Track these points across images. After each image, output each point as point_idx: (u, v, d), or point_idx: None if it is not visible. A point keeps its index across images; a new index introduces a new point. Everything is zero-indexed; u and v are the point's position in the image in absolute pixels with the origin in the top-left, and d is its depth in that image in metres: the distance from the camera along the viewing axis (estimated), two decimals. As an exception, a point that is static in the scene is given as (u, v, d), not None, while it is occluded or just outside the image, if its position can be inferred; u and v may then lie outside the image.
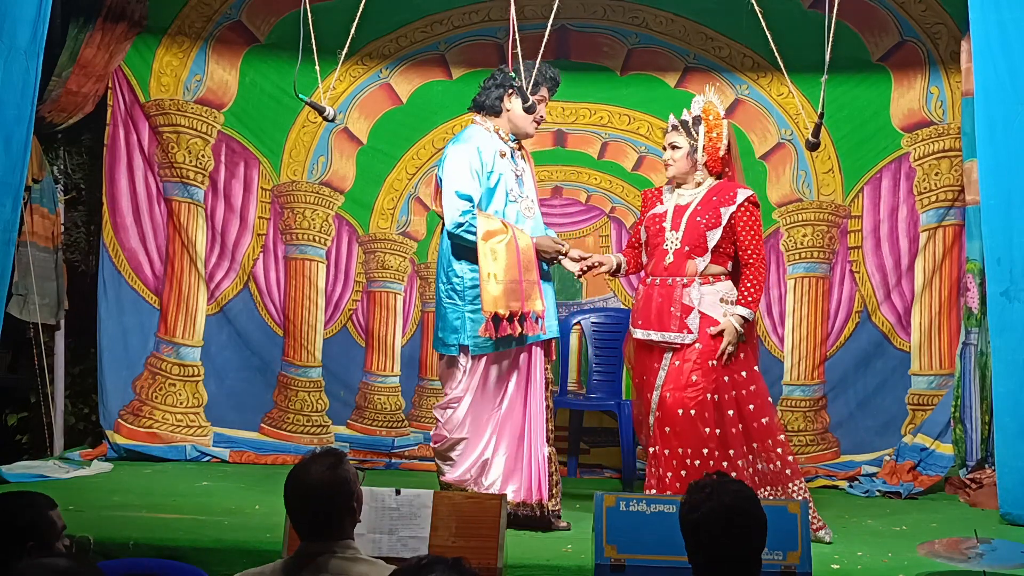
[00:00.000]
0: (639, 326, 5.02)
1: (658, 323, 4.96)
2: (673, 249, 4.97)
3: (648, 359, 5.02)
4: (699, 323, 4.91)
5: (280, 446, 6.70)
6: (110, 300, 6.75)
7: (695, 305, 4.92)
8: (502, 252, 4.89)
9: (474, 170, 4.97)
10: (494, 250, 4.88)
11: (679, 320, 4.92)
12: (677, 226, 4.99)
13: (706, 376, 4.87)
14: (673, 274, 4.97)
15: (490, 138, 5.08)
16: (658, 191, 5.21)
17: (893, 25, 6.58)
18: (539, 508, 5.00)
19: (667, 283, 4.97)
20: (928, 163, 6.59)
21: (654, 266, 5.03)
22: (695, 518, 2.81)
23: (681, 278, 4.96)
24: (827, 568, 4.52)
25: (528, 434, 5.01)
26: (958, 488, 6.15)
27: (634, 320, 5.07)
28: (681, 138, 5.04)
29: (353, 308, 6.83)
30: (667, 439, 4.88)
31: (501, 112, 5.12)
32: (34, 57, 5.40)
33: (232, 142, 6.80)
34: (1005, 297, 5.45)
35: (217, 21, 6.77)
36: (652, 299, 4.99)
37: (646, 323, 4.99)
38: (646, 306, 5.00)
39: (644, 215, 5.17)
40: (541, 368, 5.08)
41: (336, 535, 3.10)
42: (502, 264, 4.88)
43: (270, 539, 4.51)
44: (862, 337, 6.65)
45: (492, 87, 5.14)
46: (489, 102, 5.13)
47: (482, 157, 4.99)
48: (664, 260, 4.99)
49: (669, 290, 4.96)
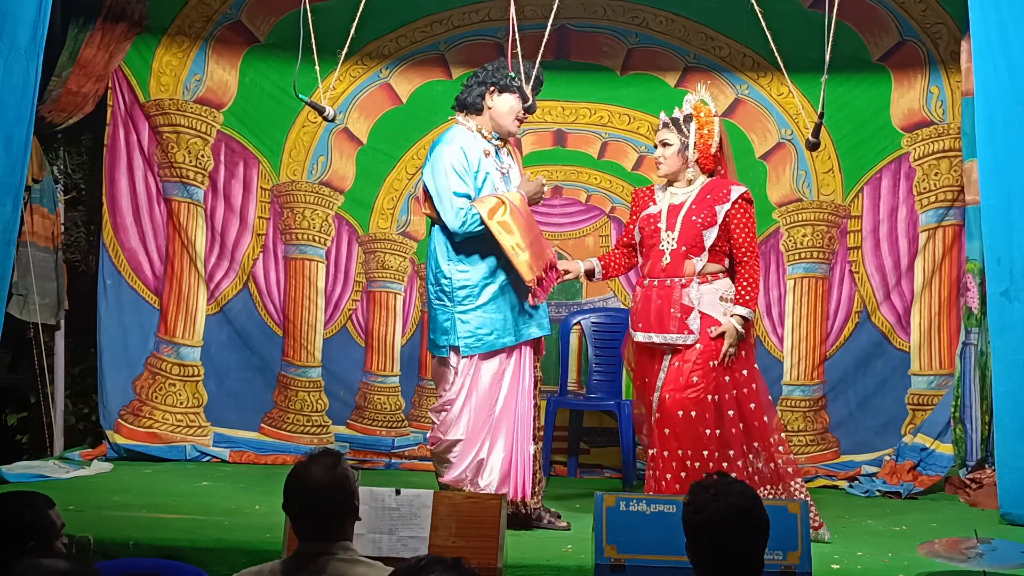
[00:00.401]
0: (639, 328, 5.01)
1: (658, 325, 4.94)
2: (670, 249, 4.96)
3: (649, 361, 5.01)
4: (700, 323, 4.90)
5: (280, 446, 6.70)
6: (110, 300, 6.75)
7: (695, 305, 4.91)
8: (511, 222, 4.88)
9: (463, 168, 4.96)
10: (503, 223, 4.88)
11: (679, 321, 4.91)
12: (672, 226, 4.97)
13: (706, 376, 4.86)
14: (671, 275, 4.95)
15: (473, 138, 5.06)
16: (649, 190, 5.19)
17: (893, 25, 6.58)
18: (522, 506, 5.01)
19: (665, 284, 4.96)
20: (928, 163, 6.59)
21: (651, 267, 5.01)
22: (700, 519, 2.81)
23: (680, 278, 4.94)
24: (827, 568, 4.52)
25: (514, 432, 5.00)
26: (958, 488, 6.15)
27: (634, 323, 5.06)
28: (672, 135, 5.04)
29: (353, 308, 6.83)
30: (666, 441, 4.87)
31: (483, 110, 5.09)
32: (34, 57, 5.40)
33: (232, 142, 6.80)
34: (1005, 297, 5.45)
35: (217, 21, 6.77)
36: (651, 300, 4.97)
37: (646, 325, 4.98)
38: (645, 308, 4.99)
39: (637, 215, 5.15)
40: (531, 366, 5.09)
41: (335, 536, 3.10)
42: (518, 232, 4.88)
43: (270, 539, 4.51)
44: (862, 337, 6.65)
45: (474, 85, 5.11)
46: (471, 100, 5.10)
47: (467, 157, 4.98)
48: (661, 261, 4.97)
49: (668, 291, 4.95)
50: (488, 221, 4.87)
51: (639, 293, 5.05)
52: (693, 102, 5.08)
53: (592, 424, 6.68)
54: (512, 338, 5.00)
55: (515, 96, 5.05)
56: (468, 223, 4.90)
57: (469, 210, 4.91)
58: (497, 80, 5.05)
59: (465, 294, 4.98)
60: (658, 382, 4.93)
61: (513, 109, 5.07)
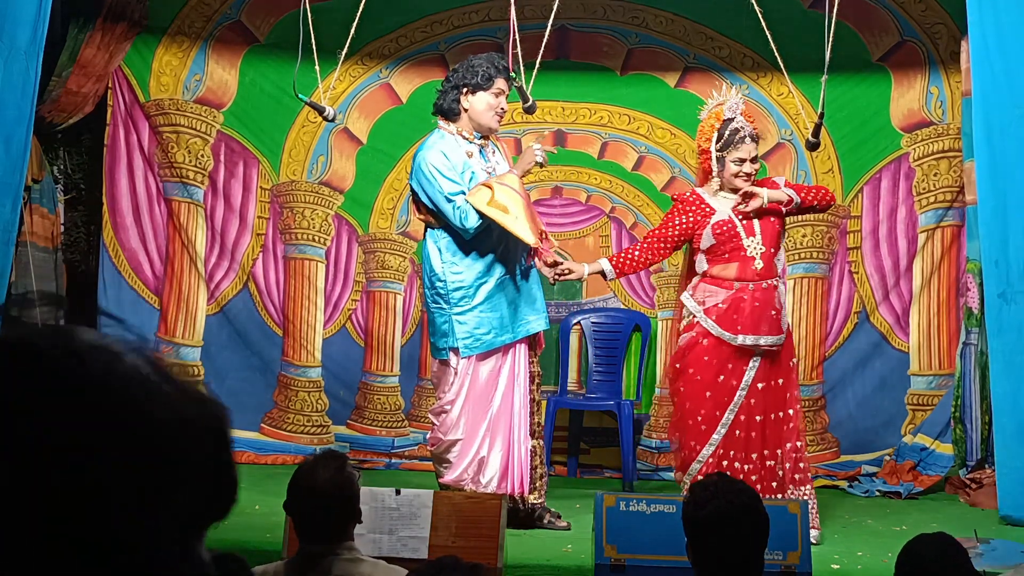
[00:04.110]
0: (739, 331, 4.98)
1: (761, 327, 4.98)
2: (759, 253, 4.99)
3: (736, 363, 5.00)
4: (787, 323, 5.10)
5: (280, 446, 6.70)
6: (110, 300, 6.75)
7: (784, 303, 5.07)
8: (505, 200, 4.83)
9: (447, 168, 4.94)
10: (498, 204, 4.83)
11: (776, 321, 5.01)
12: (752, 231, 5.00)
13: (791, 376, 5.08)
14: (765, 277, 5.01)
15: (455, 141, 5.03)
16: (699, 197, 5.12)
17: (893, 25, 6.58)
18: (520, 502, 5.01)
19: (762, 287, 5.01)
20: (928, 163, 6.59)
21: (740, 271, 5.00)
22: (700, 516, 2.81)
23: (773, 279, 5.04)
24: (827, 568, 4.52)
25: (510, 429, 5.00)
26: (958, 488, 6.15)
27: (730, 327, 4.98)
28: (757, 148, 5.09)
29: (353, 308, 6.83)
30: (738, 442, 4.94)
31: (460, 113, 5.04)
32: (34, 57, 5.40)
33: (232, 142, 6.80)
34: (1002, 299, 5.46)
35: (217, 21, 6.77)
36: (746, 303, 4.98)
37: (747, 328, 4.97)
38: (740, 310, 4.98)
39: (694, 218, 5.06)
40: (525, 362, 5.08)
41: (339, 537, 3.10)
42: (512, 207, 4.83)
43: (270, 539, 4.51)
44: (861, 337, 6.65)
45: (448, 90, 5.06)
46: (447, 105, 5.05)
47: (450, 160, 4.96)
48: (752, 265, 4.99)
49: (767, 293, 5.00)
50: (485, 208, 4.84)
51: (724, 296, 5.00)
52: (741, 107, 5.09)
53: (592, 424, 6.68)
54: (510, 335, 5.01)
55: (489, 92, 4.99)
56: (467, 220, 4.89)
57: (463, 207, 4.90)
58: (468, 80, 5.00)
59: (461, 295, 4.99)
60: (744, 381, 4.97)
61: (490, 105, 5.02)
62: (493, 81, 5.00)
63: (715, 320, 4.99)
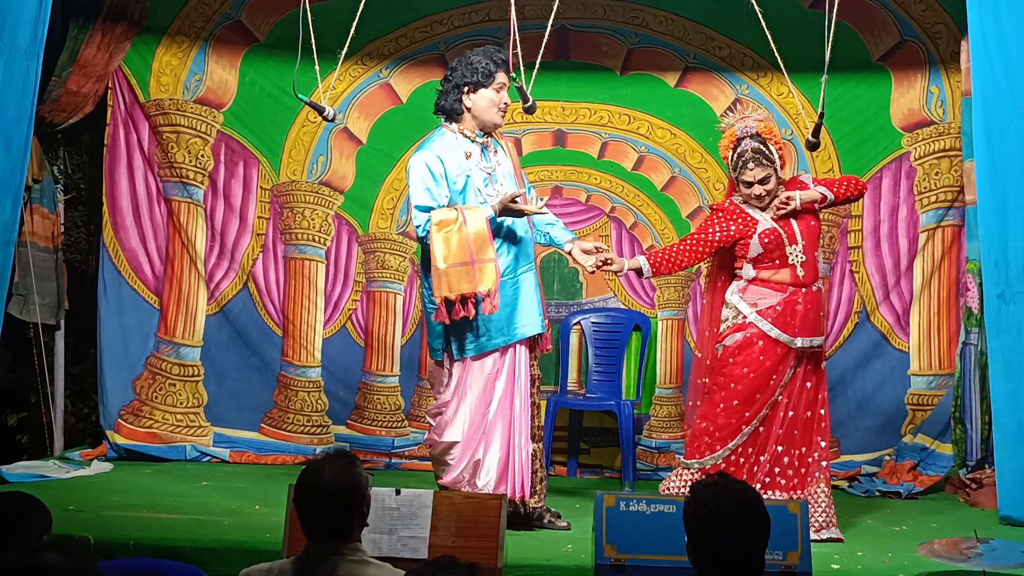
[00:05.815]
0: (797, 334, 5.06)
1: (811, 329, 5.11)
2: (800, 261, 5.08)
3: (782, 364, 5.08)
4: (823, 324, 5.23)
5: (280, 446, 6.70)
6: (110, 300, 6.75)
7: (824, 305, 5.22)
8: (452, 238, 4.83)
9: (437, 176, 4.91)
10: (446, 238, 4.84)
11: (820, 323, 5.15)
12: (794, 238, 5.08)
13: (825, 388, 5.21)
14: (811, 281, 5.13)
15: (456, 140, 5.02)
16: (739, 207, 5.16)
17: (893, 25, 6.58)
18: (521, 506, 5.00)
19: (811, 290, 5.13)
20: (928, 163, 6.59)
21: (791, 277, 5.08)
22: (702, 516, 2.81)
23: (818, 283, 5.17)
24: (827, 568, 4.52)
25: (510, 432, 5.00)
26: (958, 488, 6.15)
27: (788, 329, 5.05)
28: (767, 169, 5.06)
29: (353, 308, 6.83)
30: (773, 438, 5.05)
31: (463, 112, 5.03)
32: (34, 57, 5.40)
33: (232, 142, 6.80)
34: (1001, 300, 5.46)
35: (217, 21, 6.77)
36: (798, 306, 5.08)
37: (803, 330, 5.09)
38: (793, 313, 5.07)
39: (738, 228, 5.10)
40: (525, 365, 5.07)
41: (345, 537, 3.09)
42: (453, 249, 4.83)
43: (270, 539, 4.52)
44: (861, 337, 6.65)
45: (449, 89, 5.04)
46: (449, 105, 5.04)
47: (444, 162, 4.94)
48: (798, 272, 5.08)
49: (815, 296, 5.14)
50: (433, 230, 4.85)
51: (777, 300, 5.08)
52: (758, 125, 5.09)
53: (592, 424, 6.68)
54: (504, 338, 4.99)
55: (490, 88, 4.99)
56: (423, 233, 4.91)
57: (425, 222, 4.90)
58: (469, 79, 4.99)
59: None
60: (783, 380, 5.07)
61: (492, 101, 5.01)
62: (493, 76, 4.99)
63: (772, 322, 5.06)
